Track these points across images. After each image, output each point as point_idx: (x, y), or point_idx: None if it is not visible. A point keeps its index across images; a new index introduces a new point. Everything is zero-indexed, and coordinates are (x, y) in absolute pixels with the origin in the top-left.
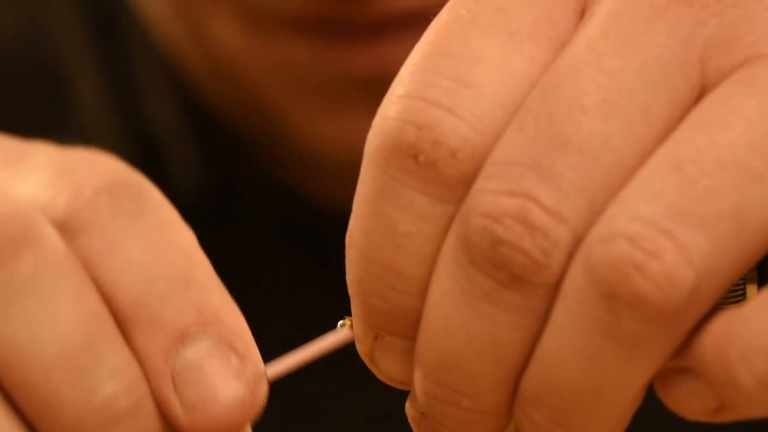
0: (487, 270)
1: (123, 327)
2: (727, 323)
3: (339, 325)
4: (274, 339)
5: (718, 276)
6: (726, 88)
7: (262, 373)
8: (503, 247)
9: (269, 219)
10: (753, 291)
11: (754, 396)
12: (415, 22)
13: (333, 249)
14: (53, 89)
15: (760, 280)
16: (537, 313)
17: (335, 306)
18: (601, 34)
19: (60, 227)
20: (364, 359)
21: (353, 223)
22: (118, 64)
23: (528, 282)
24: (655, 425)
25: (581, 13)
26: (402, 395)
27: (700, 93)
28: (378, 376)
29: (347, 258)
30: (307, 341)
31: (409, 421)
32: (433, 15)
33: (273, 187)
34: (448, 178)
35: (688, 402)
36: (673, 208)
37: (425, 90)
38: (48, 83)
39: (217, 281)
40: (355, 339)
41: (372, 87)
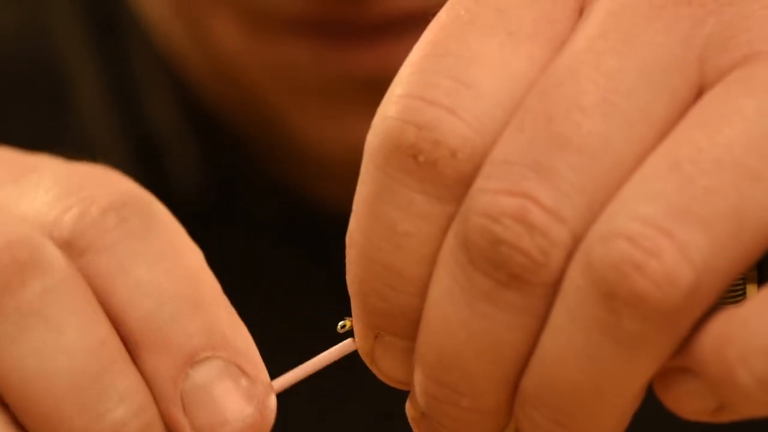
0: (487, 270)
1: (131, 349)
2: (726, 323)
3: (339, 326)
4: (274, 339)
5: (717, 275)
6: (724, 87)
7: (271, 394)
8: (502, 247)
9: (269, 219)
10: (753, 290)
11: (753, 395)
12: (415, 22)
13: (333, 249)
14: (53, 89)
15: (759, 279)
16: (536, 313)
17: (335, 306)
18: (600, 33)
19: (66, 247)
20: (364, 359)
21: (353, 223)
22: (118, 64)
23: (527, 282)
24: (655, 425)
25: (580, 13)
26: (402, 395)
27: (698, 92)
28: (378, 376)
29: (347, 258)
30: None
31: (409, 421)
32: (433, 15)
33: (273, 187)
34: (447, 177)
35: (687, 402)
36: (673, 207)
37: (425, 90)
38: (48, 83)
39: (226, 301)
40: (356, 339)
41: (372, 88)
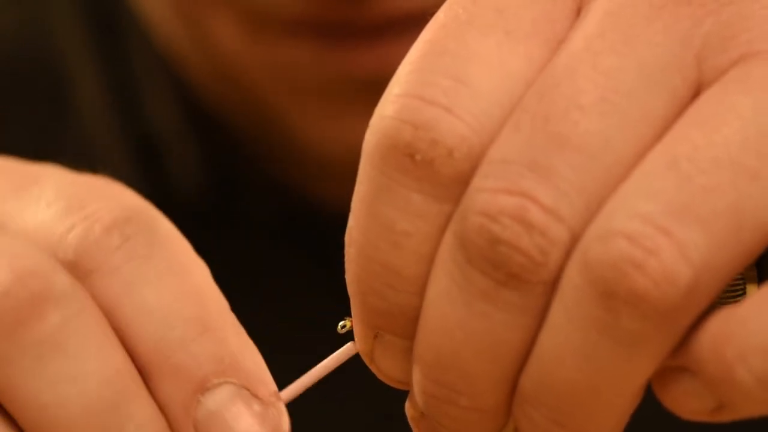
0: (485, 269)
1: (142, 374)
2: (725, 321)
3: (339, 326)
4: (274, 339)
5: (715, 273)
6: (721, 85)
7: (284, 415)
8: (500, 246)
9: (269, 219)
10: (752, 289)
11: (752, 394)
12: (415, 23)
13: (333, 249)
14: (53, 89)
15: (758, 278)
16: (535, 312)
17: (335, 306)
18: (599, 33)
19: (72, 268)
20: (364, 359)
21: (352, 223)
22: (118, 64)
23: (525, 281)
24: (655, 425)
25: (578, 12)
26: (402, 395)
27: (696, 91)
28: (378, 375)
29: (346, 257)
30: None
31: (409, 421)
32: (432, 15)
33: (273, 187)
34: (444, 177)
35: (686, 402)
36: (671, 205)
37: (422, 89)
38: (48, 83)
39: (234, 319)
40: (355, 339)
41: (372, 88)
